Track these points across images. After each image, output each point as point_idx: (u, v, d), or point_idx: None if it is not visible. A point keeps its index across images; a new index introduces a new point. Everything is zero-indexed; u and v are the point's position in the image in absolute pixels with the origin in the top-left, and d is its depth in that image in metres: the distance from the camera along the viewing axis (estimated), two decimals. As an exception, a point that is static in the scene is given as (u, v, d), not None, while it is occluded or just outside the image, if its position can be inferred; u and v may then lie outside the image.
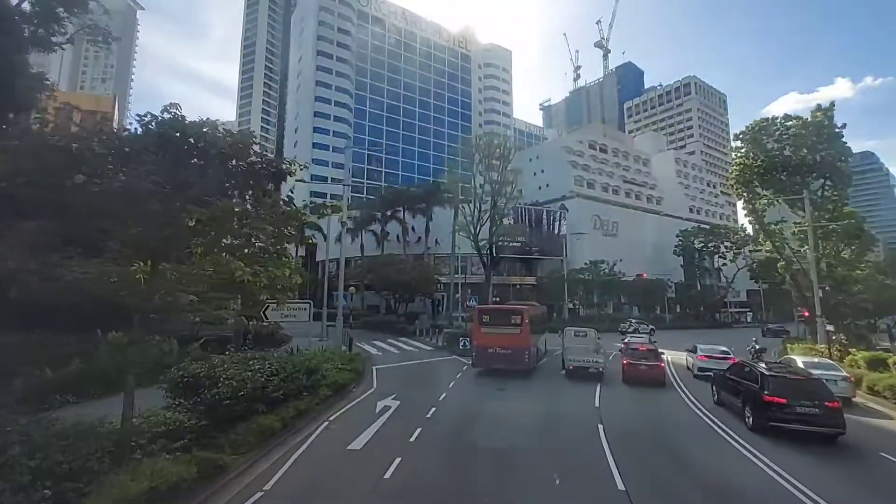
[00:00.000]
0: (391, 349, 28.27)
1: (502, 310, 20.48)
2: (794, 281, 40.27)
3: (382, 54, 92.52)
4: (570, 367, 19.29)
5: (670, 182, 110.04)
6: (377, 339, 33.02)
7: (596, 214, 76.99)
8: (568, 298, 54.61)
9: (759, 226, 41.32)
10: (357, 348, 27.81)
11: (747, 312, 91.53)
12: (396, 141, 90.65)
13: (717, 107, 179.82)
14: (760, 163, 40.10)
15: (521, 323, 19.02)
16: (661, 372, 18.06)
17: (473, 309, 20.67)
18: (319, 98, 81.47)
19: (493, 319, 19.50)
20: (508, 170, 35.25)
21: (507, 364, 18.72)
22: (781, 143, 39.81)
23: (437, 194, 52.03)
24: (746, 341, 48.72)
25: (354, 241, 57.65)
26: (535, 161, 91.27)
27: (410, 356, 25.39)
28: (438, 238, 57.82)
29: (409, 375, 19.39)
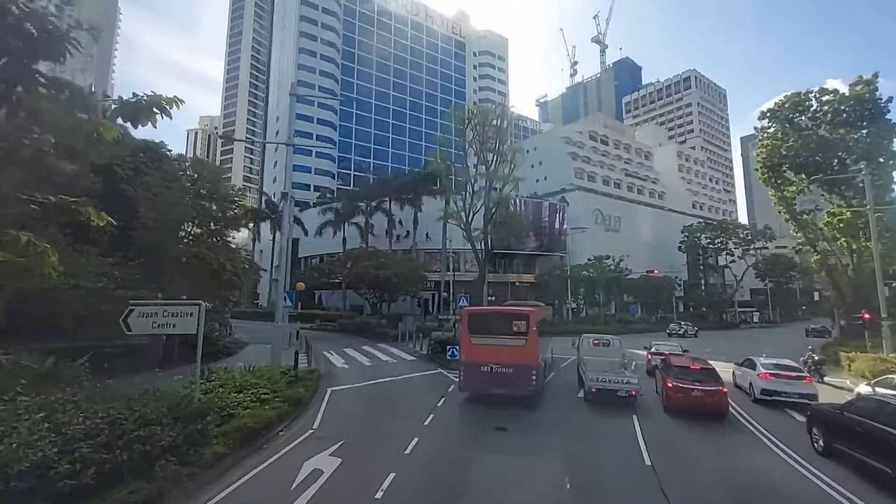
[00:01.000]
0: (363, 360, 23.10)
1: (501, 313, 15.32)
2: (829, 277, 35.53)
3: (371, 38, 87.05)
4: (592, 389, 14.22)
5: (672, 177, 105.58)
6: (351, 346, 27.90)
7: (597, 208, 72.22)
8: (570, 297, 49.62)
9: (789, 215, 36.48)
10: (322, 359, 22.76)
11: (754, 312, 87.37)
12: (385, 130, 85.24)
13: (717, 102, 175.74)
14: (792, 143, 35.38)
15: (526, 331, 13.97)
16: (725, 401, 12.99)
17: (462, 312, 15.45)
18: (301, 82, 75.98)
19: (488, 326, 14.42)
20: (506, 147, 30.20)
21: (506, 388, 13.68)
22: (816, 121, 35.03)
23: (426, 183, 46.95)
24: (767, 345, 44.30)
25: (336, 235, 52.49)
26: (533, 153, 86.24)
27: (384, 370, 20.24)
28: (430, 232, 52.84)
29: (372, 403, 14.25)
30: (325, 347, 27.22)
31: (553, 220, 61.58)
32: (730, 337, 48.67)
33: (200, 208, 20.79)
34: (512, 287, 55.48)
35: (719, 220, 79.99)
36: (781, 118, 35.95)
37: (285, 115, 79.31)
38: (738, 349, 36.44)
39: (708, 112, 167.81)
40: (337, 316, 42.44)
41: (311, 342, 29.85)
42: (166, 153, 23.29)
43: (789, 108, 35.14)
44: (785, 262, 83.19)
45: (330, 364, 21.48)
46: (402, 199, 49.04)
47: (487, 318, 14.71)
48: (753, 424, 12.86)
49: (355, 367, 21.04)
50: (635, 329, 50.48)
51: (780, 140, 36.31)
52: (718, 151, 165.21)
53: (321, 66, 77.66)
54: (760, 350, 37.35)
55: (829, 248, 35.29)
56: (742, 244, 72.92)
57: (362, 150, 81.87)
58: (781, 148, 36.27)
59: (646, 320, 56.92)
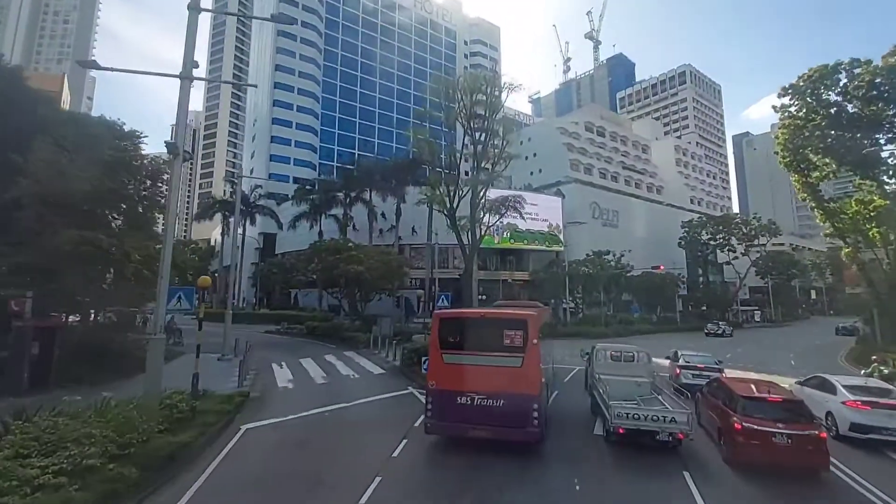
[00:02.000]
0: (317, 375, 18.58)
1: (487, 318, 10.62)
2: (861, 272, 31.53)
3: (356, 23, 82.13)
4: (619, 431, 9.81)
5: (670, 171, 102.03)
6: (312, 355, 23.39)
7: (594, 202, 68.08)
8: (568, 296, 45.37)
9: (815, 203, 32.39)
10: (266, 374, 18.26)
11: (755, 311, 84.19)
12: (371, 120, 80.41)
13: (712, 97, 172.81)
14: (819, 121, 31.36)
15: (523, 343, 9.56)
16: (825, 450, 8.62)
17: (433, 317, 10.85)
18: (280, 66, 70.92)
19: (468, 337, 9.97)
20: (497, 120, 25.75)
21: (494, 429, 9.30)
22: (847, 97, 30.96)
23: (410, 171, 42.43)
24: (786, 347, 40.31)
25: (313, 229, 47.83)
26: (527, 144, 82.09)
27: (338, 391, 15.74)
28: (416, 226, 48.34)
29: (293, 456, 9.68)
30: (280, 357, 22.73)
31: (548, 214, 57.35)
32: (743, 339, 44.68)
33: (117, 183, 16.23)
34: (504, 285, 51.16)
35: (721, 215, 76.31)
36: (806, 94, 31.81)
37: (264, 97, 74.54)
38: (761, 354, 32.50)
39: (703, 107, 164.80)
40: (308, 318, 37.85)
41: (266, 351, 25.44)
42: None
43: (816, 80, 30.99)
44: (786, 259, 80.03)
45: (272, 382, 16.95)
46: (385, 189, 44.45)
47: (467, 326, 10.18)
48: (864, 483, 8.57)
49: (303, 386, 16.51)
50: (638, 330, 46.39)
51: (804, 119, 32.30)
52: (713, 147, 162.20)
53: (301, 50, 72.57)
54: (785, 354, 33.62)
55: (859, 241, 31.29)
56: (745, 240, 69.35)
57: (347, 141, 76.91)
58: (805, 128, 32.29)
59: (647, 320, 52.80)
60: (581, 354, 17.65)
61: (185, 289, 10.91)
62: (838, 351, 37.10)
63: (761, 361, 27.89)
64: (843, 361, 31.04)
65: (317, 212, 46.89)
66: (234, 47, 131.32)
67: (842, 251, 32.36)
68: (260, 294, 57.41)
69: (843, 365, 29.32)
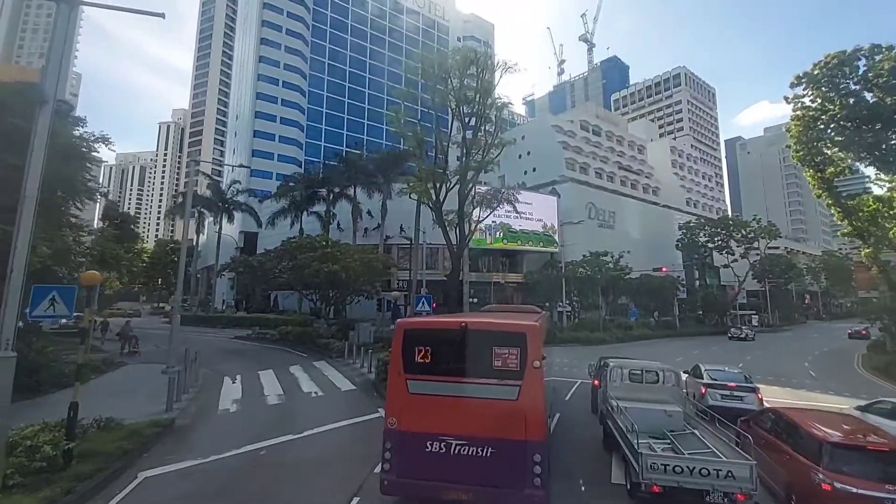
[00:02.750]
0: (274, 392, 15.68)
1: (473, 330, 7.21)
2: (883, 274, 29.16)
3: (346, 16, 79.24)
4: (654, 489, 7.02)
5: (666, 172, 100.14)
6: (275, 367, 20.49)
7: (591, 202, 65.60)
8: (565, 299, 42.68)
9: (832, 200, 30.01)
10: (211, 390, 15.39)
11: (752, 315, 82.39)
12: (361, 116, 77.48)
13: (706, 100, 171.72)
14: (837, 111, 29.03)
15: (519, 367, 6.77)
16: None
17: (395, 327, 7.97)
18: (264, 58, 67.84)
19: (445, 357, 7.16)
20: (489, 103, 23.00)
21: (480, 489, 6.54)
22: (867, 84, 28.63)
23: (397, 166, 39.61)
24: (800, 354, 37.87)
25: (294, 227, 44.83)
26: (521, 142, 79.44)
27: (291, 415, 12.88)
28: (404, 224, 45.55)
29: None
30: (238, 368, 19.82)
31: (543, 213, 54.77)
32: (749, 346, 42.24)
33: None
34: (496, 287, 48.46)
35: (721, 216, 74.39)
36: (822, 83, 29.46)
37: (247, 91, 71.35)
38: (774, 362, 29.89)
39: (697, 110, 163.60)
40: (284, 321, 34.87)
41: (225, 360, 22.53)
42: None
43: (834, 67, 28.64)
44: (784, 262, 78.36)
45: (213, 403, 14.04)
46: (370, 185, 41.57)
47: (443, 341, 7.32)
48: None
49: (249, 408, 13.61)
50: (637, 336, 43.85)
51: (819, 111, 29.99)
52: (708, 150, 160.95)
53: (287, 42, 69.50)
54: (798, 362, 30.99)
55: (881, 240, 28.95)
56: (744, 242, 67.41)
57: (335, 137, 73.87)
58: (820, 120, 30.00)
59: (647, 325, 50.27)
60: (590, 372, 14.89)
61: (62, 288, 7.89)
62: (851, 357, 34.89)
63: (777, 371, 25.39)
64: (863, 369, 28.74)
65: (298, 209, 43.92)
66: (221, 43, 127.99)
67: (861, 251, 29.95)
68: (238, 296, 54.19)
69: (864, 374, 26.97)
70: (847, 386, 21.69)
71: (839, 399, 18.01)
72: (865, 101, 28.57)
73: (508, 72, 23.00)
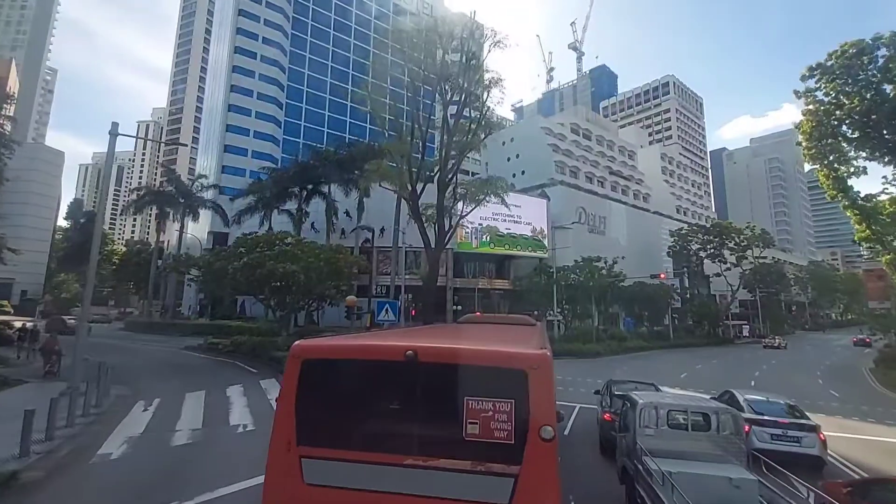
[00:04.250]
0: (192, 422, 12.18)
1: (429, 361, 3.78)
2: (906, 284, 26.60)
3: (329, 9, 75.82)
4: None
5: (656, 179, 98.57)
6: (211, 386, 16.92)
7: (581, 207, 63.07)
8: (556, 308, 39.54)
9: (847, 201, 27.44)
10: (114, 419, 11.83)
11: (743, 325, 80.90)
12: (343, 114, 73.85)
13: (694, 109, 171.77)
14: (856, 104, 26.51)
15: (513, 434, 3.54)
16: None
17: (288, 360, 4.16)
18: (240, 49, 63.97)
19: (374, 415, 3.88)
20: (476, 80, 19.81)
21: None
22: (887, 76, 26.16)
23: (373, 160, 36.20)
24: (798, 368, 35.31)
25: (264, 225, 41.08)
26: (510, 144, 77.30)
27: (193, 466, 9.42)
28: (385, 226, 42.20)
29: None
30: (163, 389, 16.22)
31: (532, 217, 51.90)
32: (752, 358, 39.58)
33: None
34: (481, 294, 45.21)
35: (714, 223, 72.50)
36: (838, 73, 26.96)
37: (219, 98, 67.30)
38: (784, 377, 26.89)
39: (686, 118, 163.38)
40: (245, 330, 31.14)
41: (156, 376, 18.83)
42: None
43: (851, 57, 26.14)
44: (776, 271, 76.91)
45: (97, 441, 10.47)
46: (346, 182, 38.11)
47: (371, 385, 3.98)
48: None
49: (144, 451, 10.05)
50: (632, 348, 40.85)
51: (834, 105, 27.51)
52: (696, 159, 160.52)
53: (266, 34, 65.67)
54: (807, 377, 28.02)
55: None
56: (738, 250, 65.45)
57: (314, 135, 69.92)
58: (834, 115, 27.50)
59: (642, 336, 47.39)
60: (603, 405, 11.63)
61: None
62: (860, 371, 32.59)
63: (795, 391, 22.22)
64: (883, 387, 26.19)
65: (267, 206, 40.25)
66: (202, 40, 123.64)
67: (883, 258, 27.34)
68: (204, 301, 50.05)
69: (889, 394, 24.25)
70: (884, 412, 18.86)
71: (890, 430, 15.09)
72: (885, 94, 26.16)
73: (498, 46, 19.94)
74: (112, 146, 15.12)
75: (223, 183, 56.89)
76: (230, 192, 50.88)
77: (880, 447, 13.01)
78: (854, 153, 27.53)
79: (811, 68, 28.37)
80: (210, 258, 23.10)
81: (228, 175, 59.36)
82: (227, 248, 23.99)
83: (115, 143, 15.43)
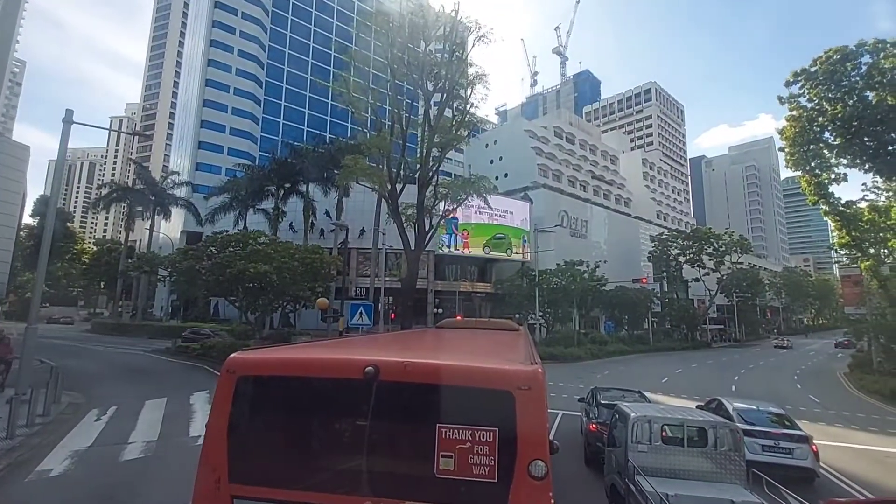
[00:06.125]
0: (148, 434, 11.24)
1: (392, 379, 3.10)
2: (883, 290, 26.84)
3: (309, 5, 74.40)
4: None
5: (637, 184, 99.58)
6: (178, 391, 15.91)
7: (563, 210, 63.00)
8: (538, 311, 39.14)
9: (828, 207, 27.66)
10: (54, 434, 10.83)
11: (720, 329, 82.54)
12: (324, 112, 72.60)
13: (675, 116, 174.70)
14: (839, 110, 26.74)
15: (496, 471, 2.88)
16: None
17: (221, 380, 3.34)
18: (215, 42, 62.17)
19: (324, 447, 3.15)
20: (458, 73, 19.14)
21: None
22: (870, 83, 26.46)
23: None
24: (776, 372, 35.55)
25: (238, 224, 39.75)
26: (493, 147, 77.14)
27: (152, 476, 8.69)
28: (366, 226, 41.28)
29: None
30: (121, 395, 15.18)
31: (513, 219, 51.54)
32: (731, 362, 39.79)
33: None
34: (462, 298, 44.61)
35: (694, 229, 73.49)
36: (822, 79, 27.16)
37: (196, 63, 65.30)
38: (764, 381, 26.89)
39: (667, 125, 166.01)
40: (226, 330, 29.92)
41: (115, 381, 17.67)
42: None
43: (836, 63, 26.35)
44: (752, 276, 78.29)
45: (41, 454, 9.49)
46: (324, 180, 37.13)
47: (321, 407, 3.26)
48: None
49: (89, 467, 9.09)
50: (612, 352, 40.61)
51: (817, 111, 27.73)
52: (676, 165, 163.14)
53: (243, 27, 63.92)
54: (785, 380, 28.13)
55: (878, 253, 26.78)
56: (716, 256, 66.34)
57: (294, 133, 68.50)
58: (816, 121, 27.74)
59: (622, 340, 47.34)
60: (589, 415, 11.02)
61: None
62: (835, 376, 32.78)
63: (775, 396, 22.16)
64: (859, 392, 26.26)
65: (242, 205, 38.95)
66: (178, 33, 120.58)
67: (861, 264, 27.59)
68: (177, 302, 48.31)
69: (866, 399, 24.30)
70: (865, 417, 18.78)
71: (874, 438, 14.90)
72: (867, 100, 26.43)
73: (482, 41, 19.34)
74: (66, 134, 14.02)
75: (197, 181, 55.12)
76: (204, 191, 49.24)
77: (869, 456, 12.74)
78: (835, 160, 27.81)
79: (796, 74, 28.51)
80: (177, 257, 21.88)
81: (203, 172, 57.55)
82: (197, 246, 22.76)
83: (69, 130, 14.33)
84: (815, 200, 28.12)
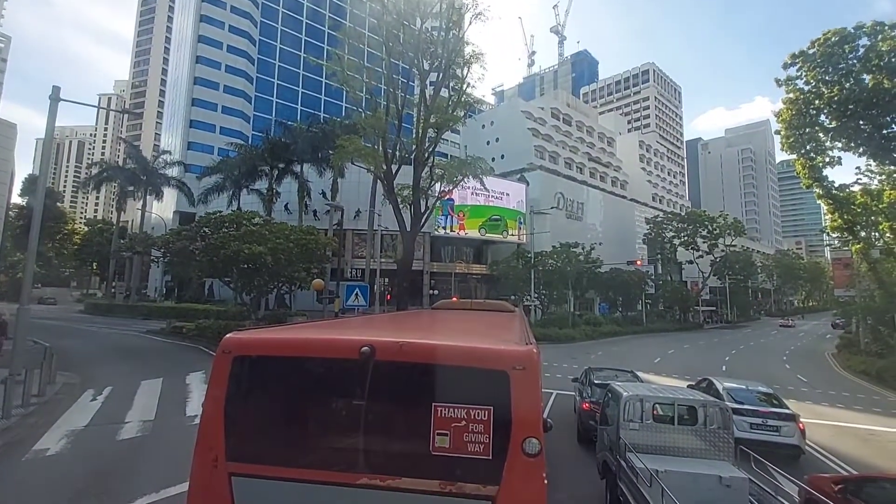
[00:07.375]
0: (144, 412, 11.33)
1: (387, 359, 3.10)
2: (873, 272, 27.18)
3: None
4: None
5: (633, 167, 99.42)
6: (174, 371, 16.00)
7: (559, 192, 63.03)
8: (534, 293, 39.39)
9: (821, 191, 27.76)
10: (50, 413, 10.86)
11: (712, 311, 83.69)
12: (318, 91, 71.39)
13: (672, 98, 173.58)
14: (835, 93, 26.61)
15: (491, 448, 2.96)
16: None
17: (216, 359, 3.34)
18: (205, 17, 60.68)
19: (321, 425, 3.20)
20: (454, 54, 18.83)
21: None
22: (868, 65, 26.29)
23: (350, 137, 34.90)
24: (767, 353, 36.14)
25: (232, 205, 39.43)
26: (490, 128, 76.44)
27: (148, 454, 8.82)
28: (361, 208, 41.08)
29: None
30: (117, 375, 15.27)
31: (510, 201, 51.44)
32: (723, 343, 40.40)
33: None
34: (458, 279, 44.77)
35: (689, 211, 73.67)
36: (819, 62, 26.93)
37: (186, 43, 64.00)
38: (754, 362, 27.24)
39: (664, 107, 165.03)
40: (213, 313, 29.95)
41: (112, 362, 17.69)
42: None
43: (834, 45, 26.10)
44: (744, 259, 78.98)
45: (38, 433, 9.56)
46: (318, 161, 36.74)
47: (317, 387, 3.28)
48: None
49: (85, 445, 9.17)
50: (606, 333, 41.05)
51: (814, 94, 27.56)
52: (673, 148, 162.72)
53: (234, 2, 62.31)
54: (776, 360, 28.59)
55: (869, 236, 27.02)
56: (710, 238, 66.75)
57: (288, 112, 67.32)
58: (813, 104, 27.59)
59: (616, 321, 47.82)
60: (582, 394, 11.20)
61: None
62: (822, 356, 33.44)
63: (765, 376, 22.40)
64: (846, 372, 26.85)
65: (236, 185, 38.57)
66: (167, 8, 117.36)
67: (853, 247, 27.83)
68: (171, 283, 48.17)
69: (852, 378, 24.82)
70: (850, 397, 19.22)
71: (859, 416, 15.25)
72: (863, 83, 26.28)
73: (479, 18, 18.95)
74: (53, 111, 13.70)
75: (189, 160, 54.35)
76: (197, 171, 48.61)
77: (853, 434, 13.06)
78: (830, 143, 27.78)
79: (793, 56, 28.21)
80: (170, 238, 21.73)
81: (195, 152, 56.74)
82: (190, 227, 22.56)
83: (56, 108, 13.98)
84: (809, 184, 28.16)
